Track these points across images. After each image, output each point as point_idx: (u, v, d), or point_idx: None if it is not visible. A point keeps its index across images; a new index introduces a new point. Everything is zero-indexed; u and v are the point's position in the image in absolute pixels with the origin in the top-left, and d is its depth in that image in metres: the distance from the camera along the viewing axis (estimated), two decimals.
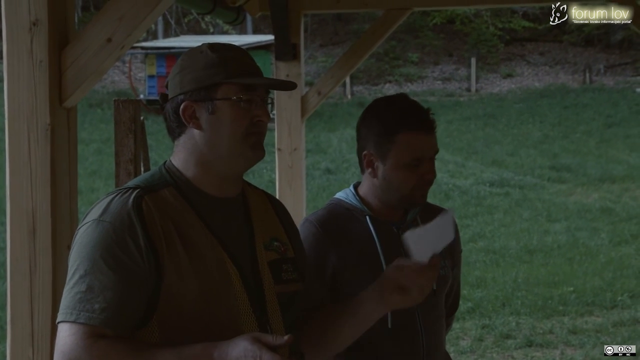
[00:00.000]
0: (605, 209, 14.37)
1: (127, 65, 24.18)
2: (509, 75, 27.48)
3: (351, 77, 24.17)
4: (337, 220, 2.76)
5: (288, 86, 2.24)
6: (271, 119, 2.22)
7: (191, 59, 2.18)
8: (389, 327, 2.68)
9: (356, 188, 2.85)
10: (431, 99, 25.11)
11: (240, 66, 2.16)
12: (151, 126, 14.94)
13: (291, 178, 5.98)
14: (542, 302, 9.47)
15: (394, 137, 2.67)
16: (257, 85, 2.17)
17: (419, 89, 26.64)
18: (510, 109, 23.34)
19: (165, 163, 2.23)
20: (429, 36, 28.75)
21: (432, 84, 27.26)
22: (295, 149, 5.97)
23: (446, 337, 3.01)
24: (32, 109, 2.68)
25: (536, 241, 12.49)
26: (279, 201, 2.42)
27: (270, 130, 2.27)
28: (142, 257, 2.04)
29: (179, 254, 2.07)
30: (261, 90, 2.18)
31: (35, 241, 2.69)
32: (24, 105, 2.69)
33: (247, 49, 12.79)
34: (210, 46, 2.18)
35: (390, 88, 26.52)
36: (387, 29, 6.22)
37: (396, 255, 2.41)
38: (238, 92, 2.14)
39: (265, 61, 19.85)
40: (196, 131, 2.16)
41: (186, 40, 22.95)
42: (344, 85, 24.45)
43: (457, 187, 15.91)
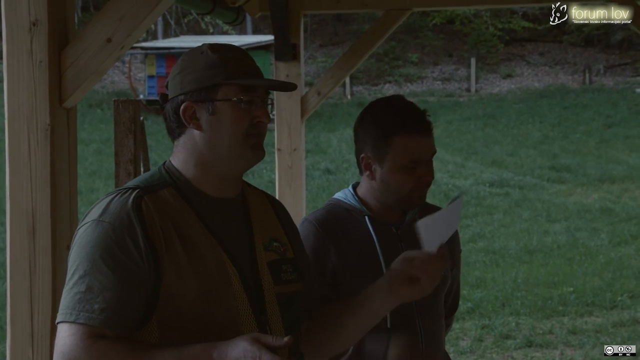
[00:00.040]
0: (605, 210, 14.36)
1: (127, 65, 24.18)
2: (508, 76, 27.48)
3: (351, 78, 24.17)
4: (336, 220, 2.76)
5: (288, 87, 2.24)
6: (271, 120, 2.22)
7: (192, 59, 2.18)
8: (388, 326, 2.68)
9: (355, 188, 2.85)
10: (431, 99, 25.10)
11: (240, 67, 2.16)
12: (151, 126, 14.94)
13: (291, 178, 5.98)
14: (542, 302, 9.46)
15: (390, 140, 2.67)
16: (257, 87, 2.17)
17: (419, 89, 26.64)
18: (510, 109, 23.33)
19: (164, 163, 2.23)
20: (428, 36, 28.75)
21: (432, 84, 27.25)
22: (295, 149, 5.96)
23: (446, 337, 3.01)
24: (32, 109, 2.68)
25: (536, 241, 12.49)
26: (278, 201, 2.42)
27: (270, 130, 2.28)
28: (142, 258, 2.04)
29: (178, 254, 2.07)
30: (261, 91, 2.18)
31: (35, 241, 2.69)
32: (23, 106, 2.69)
33: (247, 49, 12.77)
34: (211, 47, 2.18)
35: (390, 88, 26.52)
36: (387, 30, 6.22)
37: (395, 255, 2.40)
38: (238, 93, 2.14)
39: (265, 61, 19.84)
40: (196, 132, 2.16)
41: (186, 41, 22.94)
42: (343, 85, 24.44)
43: (457, 187, 15.90)
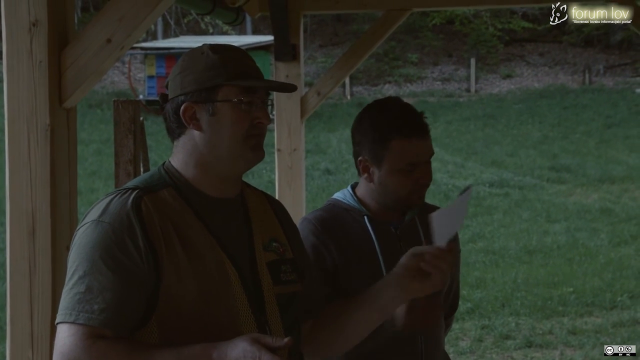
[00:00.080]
0: (604, 210, 14.36)
1: (127, 65, 24.18)
2: (508, 76, 27.48)
3: (351, 78, 24.17)
4: (335, 219, 2.76)
5: (288, 88, 2.24)
6: (271, 120, 2.22)
7: (192, 59, 2.18)
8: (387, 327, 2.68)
9: (354, 189, 2.85)
10: (431, 99, 25.11)
11: (241, 68, 2.16)
12: (151, 127, 14.94)
13: (291, 178, 5.98)
14: (542, 302, 9.46)
15: (387, 143, 2.67)
16: (257, 88, 2.17)
17: (419, 89, 26.64)
18: (509, 109, 23.33)
19: (164, 164, 2.23)
20: (428, 37, 28.75)
21: (432, 84, 27.25)
22: (294, 149, 5.96)
23: (445, 337, 3.01)
24: (31, 109, 2.68)
25: (536, 242, 12.49)
26: (278, 202, 2.42)
27: (270, 130, 2.28)
28: (141, 258, 2.04)
29: (178, 254, 2.07)
30: (261, 92, 2.18)
31: (34, 242, 2.69)
32: (23, 106, 2.69)
33: (247, 50, 12.76)
34: (211, 47, 2.18)
35: (389, 88, 26.52)
36: (387, 30, 6.22)
37: (394, 255, 2.40)
38: (239, 94, 2.14)
39: (265, 62, 19.83)
40: (196, 132, 2.16)
41: (186, 41, 22.93)
42: (343, 85, 24.43)
43: (457, 187, 15.90)
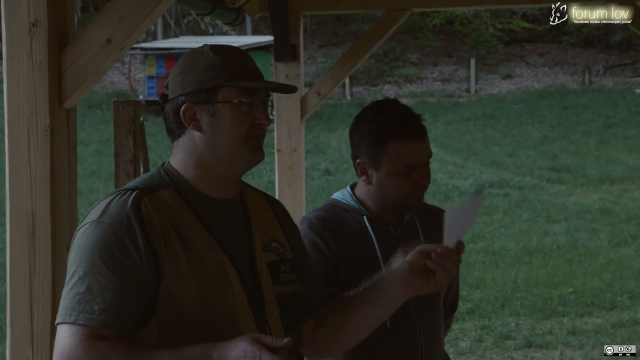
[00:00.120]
0: (604, 210, 14.36)
1: (127, 66, 24.17)
2: (508, 76, 27.48)
3: (350, 78, 24.16)
4: (335, 219, 2.77)
5: (288, 89, 2.24)
6: (271, 121, 2.22)
7: (192, 60, 2.17)
8: (388, 326, 2.68)
9: (353, 189, 2.85)
10: (430, 99, 25.11)
11: (241, 69, 2.16)
12: (150, 127, 14.94)
13: (290, 179, 5.98)
14: (542, 303, 9.46)
15: (385, 146, 2.67)
16: (257, 89, 2.17)
17: (418, 89, 26.64)
18: (509, 109, 23.33)
19: (164, 164, 2.22)
20: (428, 37, 28.75)
21: (432, 84, 27.25)
22: (294, 149, 5.97)
23: (445, 337, 3.01)
24: (31, 110, 2.69)
25: (535, 242, 12.48)
26: (278, 202, 2.41)
27: (270, 131, 2.27)
28: (141, 259, 2.04)
29: (177, 255, 2.07)
30: (262, 93, 2.18)
31: (34, 242, 2.69)
32: (23, 106, 2.69)
33: (247, 50, 12.77)
34: (212, 48, 2.18)
35: (389, 89, 26.52)
36: (387, 30, 6.22)
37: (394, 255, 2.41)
38: (239, 95, 2.14)
39: (265, 62, 19.82)
40: (196, 133, 2.16)
41: (185, 41, 22.93)
42: (343, 86, 24.43)
43: (457, 187, 15.90)
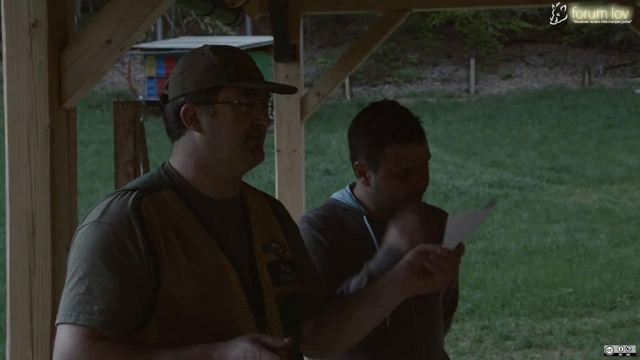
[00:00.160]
0: (604, 210, 14.36)
1: (127, 66, 24.18)
2: (508, 77, 27.48)
3: (350, 78, 24.16)
4: (335, 218, 2.77)
5: (288, 90, 2.24)
6: (271, 121, 2.22)
7: (193, 60, 2.18)
8: (388, 325, 2.68)
9: (352, 189, 2.85)
10: (430, 100, 25.11)
11: (241, 69, 2.16)
12: (150, 127, 14.94)
13: (290, 179, 5.97)
14: (542, 303, 9.46)
15: (383, 149, 2.67)
16: (258, 90, 2.17)
17: (418, 90, 26.64)
18: (509, 110, 23.33)
19: (164, 165, 2.23)
20: (428, 37, 28.75)
21: (431, 85, 27.26)
22: (294, 150, 5.96)
23: (445, 337, 3.01)
24: (31, 110, 2.68)
25: (535, 242, 12.49)
26: (278, 202, 2.42)
27: (270, 131, 2.27)
28: (141, 259, 2.04)
29: (177, 255, 2.07)
30: (262, 93, 2.18)
31: (34, 242, 2.69)
32: (23, 107, 2.69)
33: (246, 50, 12.76)
34: (212, 48, 2.18)
35: (389, 89, 26.52)
36: (387, 30, 6.22)
37: None
38: (239, 95, 2.14)
39: (265, 62, 19.82)
40: (196, 133, 2.16)
41: (185, 42, 22.93)
42: (343, 86, 24.43)
43: (456, 188, 15.90)
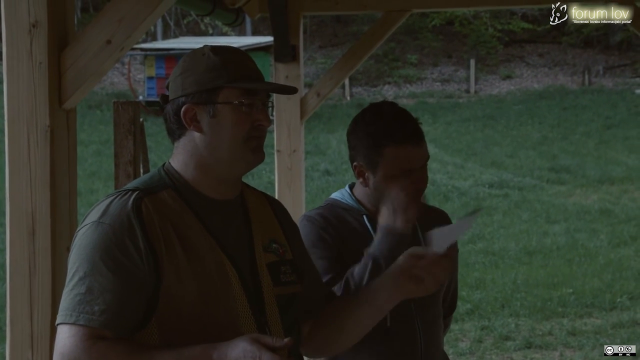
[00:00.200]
0: (604, 211, 14.36)
1: (126, 66, 24.18)
2: (508, 77, 27.49)
3: (350, 79, 24.17)
4: (335, 217, 2.77)
5: (289, 91, 2.24)
6: (271, 122, 2.22)
7: (193, 61, 2.18)
8: (388, 325, 2.68)
9: (351, 188, 2.85)
10: (430, 100, 25.11)
11: (242, 70, 2.16)
12: (150, 127, 14.95)
13: (290, 179, 5.98)
14: (542, 303, 9.46)
15: (381, 150, 2.67)
16: (258, 90, 2.17)
17: (418, 90, 26.65)
18: (509, 110, 23.33)
19: (164, 165, 2.23)
20: (428, 38, 28.75)
21: (431, 85, 27.26)
22: (294, 150, 5.96)
23: (444, 338, 3.01)
24: (31, 110, 2.69)
25: (535, 242, 12.49)
26: (278, 202, 2.42)
27: (270, 131, 2.27)
28: (142, 259, 2.04)
29: (178, 255, 2.07)
30: (262, 94, 2.18)
31: (34, 242, 2.69)
32: (23, 107, 2.69)
33: (246, 51, 12.73)
34: (213, 49, 2.18)
35: (389, 89, 26.52)
36: (386, 31, 6.22)
37: None
38: (240, 96, 2.14)
39: (265, 63, 19.82)
40: (197, 134, 2.16)
41: (185, 42, 22.93)
42: (343, 86, 24.43)
43: (456, 188, 15.90)
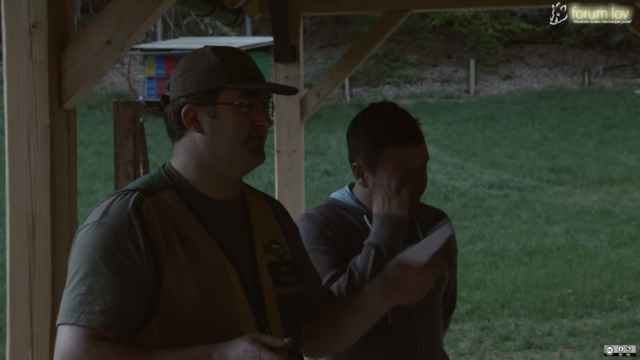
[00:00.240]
0: (604, 211, 14.36)
1: (126, 67, 24.18)
2: (507, 77, 27.49)
3: (350, 79, 24.17)
4: (336, 216, 2.78)
5: (289, 91, 2.24)
6: (271, 122, 2.22)
7: (194, 61, 2.18)
8: (389, 324, 2.68)
9: (351, 188, 2.85)
10: (430, 100, 25.12)
11: (242, 70, 2.16)
12: (150, 128, 14.95)
13: (290, 180, 5.97)
14: (541, 304, 9.46)
15: (381, 151, 2.67)
16: (259, 91, 2.17)
17: (418, 90, 26.65)
18: (509, 110, 23.34)
19: (164, 165, 2.23)
20: (428, 38, 28.76)
21: (431, 85, 27.26)
22: (294, 150, 5.96)
23: (444, 338, 3.01)
24: (31, 110, 2.68)
25: (535, 243, 12.49)
26: (278, 202, 2.42)
27: (270, 132, 2.27)
28: (142, 260, 2.04)
29: (178, 256, 2.07)
30: (263, 94, 2.18)
31: (34, 243, 2.69)
32: (23, 107, 2.69)
33: (246, 51, 12.74)
34: (213, 49, 2.18)
35: (389, 90, 26.53)
36: (386, 31, 6.22)
37: None
38: (240, 96, 2.14)
39: (264, 63, 19.82)
40: (197, 134, 2.16)
41: (185, 42, 22.94)
42: (343, 87, 24.43)
43: (456, 188, 15.90)
